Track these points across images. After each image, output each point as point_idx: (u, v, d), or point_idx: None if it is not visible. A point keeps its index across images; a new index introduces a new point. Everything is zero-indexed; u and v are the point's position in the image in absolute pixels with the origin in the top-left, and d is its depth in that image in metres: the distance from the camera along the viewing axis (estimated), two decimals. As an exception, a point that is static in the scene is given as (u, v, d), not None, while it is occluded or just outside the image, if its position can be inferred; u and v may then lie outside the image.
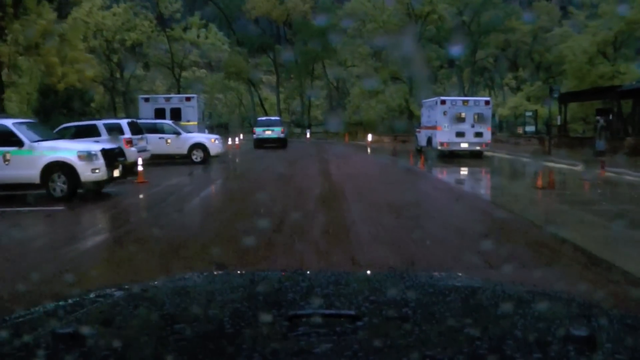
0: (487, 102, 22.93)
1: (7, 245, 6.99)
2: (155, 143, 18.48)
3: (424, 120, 24.71)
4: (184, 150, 18.86)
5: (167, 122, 19.31)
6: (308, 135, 41.60)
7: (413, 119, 38.54)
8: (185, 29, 35.20)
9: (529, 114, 32.37)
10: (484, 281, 1.75)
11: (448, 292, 1.49)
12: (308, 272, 1.88)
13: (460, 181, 15.97)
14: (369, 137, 33.45)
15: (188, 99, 21.85)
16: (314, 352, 0.94)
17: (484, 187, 15.36)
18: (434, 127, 22.82)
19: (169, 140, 18.81)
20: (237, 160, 22.13)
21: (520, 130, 34.90)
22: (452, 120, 22.36)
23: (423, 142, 24.48)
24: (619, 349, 1.04)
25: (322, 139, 41.48)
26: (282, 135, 28.13)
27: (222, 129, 34.92)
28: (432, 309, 1.29)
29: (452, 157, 21.61)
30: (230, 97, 63.26)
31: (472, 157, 22.44)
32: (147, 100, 22.14)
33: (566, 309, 1.35)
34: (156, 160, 18.08)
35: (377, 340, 1.00)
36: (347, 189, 12.13)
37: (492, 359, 0.93)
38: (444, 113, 22.36)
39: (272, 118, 29.64)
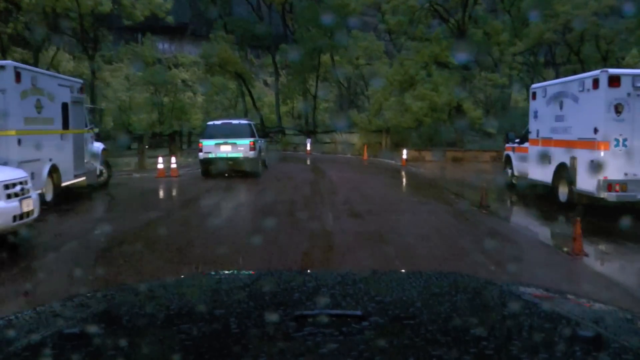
0: None
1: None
2: None
3: (541, 126, 11.58)
4: None
5: None
6: (308, 147, 28.66)
7: (462, 122, 25.33)
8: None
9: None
10: (490, 281, 1.67)
11: (454, 292, 1.47)
12: (314, 272, 1.80)
13: None
14: (404, 153, 20.50)
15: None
16: (320, 352, 0.93)
17: None
18: (584, 143, 9.73)
19: None
20: (84, 246, 8.43)
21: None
22: (633, 128, 9.29)
23: (537, 172, 11.39)
24: (626, 350, 1.03)
25: (329, 153, 28.59)
26: (251, 154, 15.11)
27: (165, 139, 22.19)
28: (438, 309, 1.28)
29: (618, 211, 8.45)
30: (221, 97, 51.15)
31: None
32: None
33: (572, 309, 1.33)
34: None
35: (383, 341, 1.00)
36: None
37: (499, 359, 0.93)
38: (616, 109, 9.25)
39: (235, 122, 16.41)
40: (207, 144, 15.21)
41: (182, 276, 1.77)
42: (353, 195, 11.40)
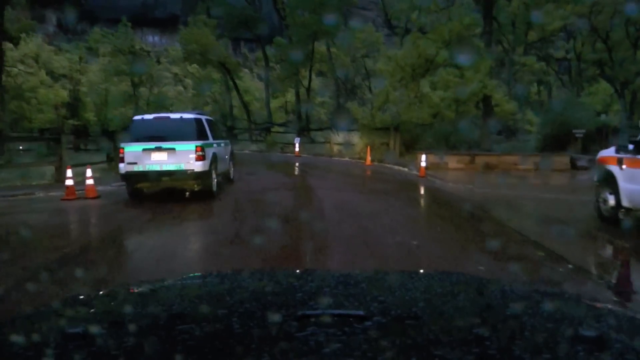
0: None
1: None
2: None
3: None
4: None
5: None
6: (297, 147, 23.44)
7: (490, 118, 20.01)
8: None
9: None
10: (492, 281, 1.65)
11: (457, 292, 1.45)
12: (317, 272, 1.75)
13: None
14: (423, 159, 15.30)
15: None
16: (322, 352, 0.93)
17: None
18: None
19: None
20: None
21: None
22: None
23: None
24: (629, 350, 1.01)
25: (323, 155, 23.41)
26: (198, 166, 9.78)
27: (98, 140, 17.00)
28: (441, 309, 1.27)
29: None
30: (206, 89, 45.98)
31: None
32: None
33: (575, 309, 1.31)
34: None
35: (385, 341, 1.00)
36: None
37: (501, 359, 0.93)
38: None
39: (175, 116, 10.86)
40: (130, 150, 9.83)
41: (184, 276, 1.63)
42: (357, 251, 6.09)
